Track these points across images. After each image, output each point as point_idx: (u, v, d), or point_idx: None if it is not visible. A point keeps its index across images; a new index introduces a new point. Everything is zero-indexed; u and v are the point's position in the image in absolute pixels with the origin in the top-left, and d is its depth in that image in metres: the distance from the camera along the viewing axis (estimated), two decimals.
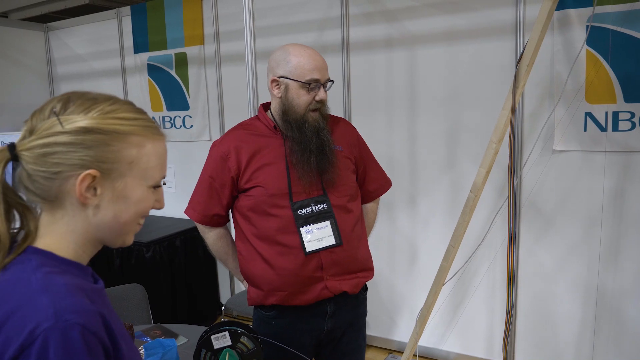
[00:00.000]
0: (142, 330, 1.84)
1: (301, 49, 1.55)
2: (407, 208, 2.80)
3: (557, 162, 2.37)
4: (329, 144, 1.55)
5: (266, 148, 1.57)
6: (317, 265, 1.54)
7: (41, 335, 0.63)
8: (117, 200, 0.76)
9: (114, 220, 0.77)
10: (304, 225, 1.51)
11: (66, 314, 0.65)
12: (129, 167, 0.75)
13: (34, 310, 0.65)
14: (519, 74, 1.66)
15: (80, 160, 0.72)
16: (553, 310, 2.47)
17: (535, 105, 2.39)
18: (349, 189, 1.61)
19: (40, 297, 0.66)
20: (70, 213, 0.75)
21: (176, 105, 3.45)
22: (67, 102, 0.74)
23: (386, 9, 2.67)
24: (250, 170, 1.55)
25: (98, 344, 0.66)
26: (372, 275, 1.70)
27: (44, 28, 3.94)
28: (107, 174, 0.74)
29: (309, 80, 1.52)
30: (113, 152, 0.74)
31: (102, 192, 0.74)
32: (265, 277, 1.56)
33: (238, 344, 1.37)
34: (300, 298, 1.55)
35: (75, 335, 0.64)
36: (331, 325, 1.62)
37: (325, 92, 1.56)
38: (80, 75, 3.88)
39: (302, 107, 1.53)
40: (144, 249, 2.98)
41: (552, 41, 2.29)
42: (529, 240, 2.49)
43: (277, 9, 2.95)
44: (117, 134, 0.74)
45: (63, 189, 0.73)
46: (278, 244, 1.53)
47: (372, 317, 3.03)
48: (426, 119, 2.67)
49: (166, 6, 3.32)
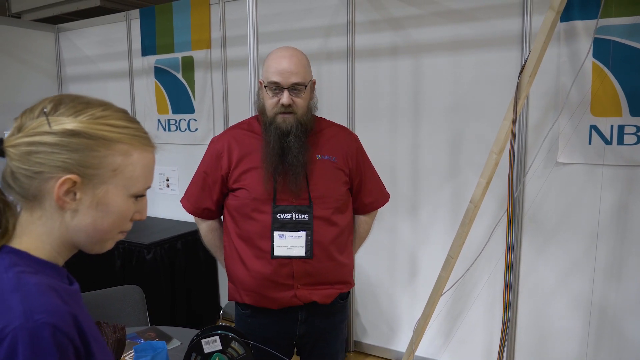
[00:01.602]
0: (137, 332, 1.84)
1: (278, 51, 1.56)
2: (408, 217, 2.78)
3: (561, 174, 2.35)
4: (295, 149, 1.52)
5: (257, 151, 1.57)
6: (289, 274, 1.55)
7: (10, 334, 0.62)
8: (97, 207, 0.75)
9: (92, 226, 0.76)
10: (278, 230, 1.53)
11: (36, 314, 0.64)
12: (112, 175, 0.75)
13: (4, 309, 0.65)
14: (521, 84, 1.65)
15: (62, 163, 0.71)
16: (553, 325, 2.44)
17: (540, 116, 2.37)
18: (335, 201, 1.60)
19: (10, 296, 0.66)
20: (48, 214, 0.74)
21: (182, 108, 3.47)
22: (58, 104, 0.74)
23: (392, 16, 2.67)
24: (238, 171, 1.57)
25: (69, 344, 0.66)
26: (348, 287, 1.70)
27: (54, 29, 3.99)
28: (89, 179, 0.73)
29: (269, 83, 1.52)
30: (97, 158, 0.73)
31: (81, 197, 0.74)
32: (240, 276, 1.60)
33: (228, 348, 1.37)
34: (270, 301, 1.58)
35: (45, 335, 0.63)
36: (304, 331, 1.63)
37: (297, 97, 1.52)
38: (88, 76, 3.92)
39: (269, 109, 1.54)
40: (144, 251, 2.98)
41: (558, 52, 2.28)
42: (530, 253, 2.46)
43: (283, 15, 2.97)
44: (104, 140, 0.74)
45: (43, 190, 0.73)
46: (255, 247, 1.56)
47: (371, 326, 3.02)
48: (430, 128, 2.66)
49: (174, 10, 3.35)
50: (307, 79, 1.54)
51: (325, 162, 1.60)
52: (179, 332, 1.86)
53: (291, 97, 1.51)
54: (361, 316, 3.04)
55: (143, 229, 3.46)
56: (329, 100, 2.89)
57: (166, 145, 3.60)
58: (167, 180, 3.65)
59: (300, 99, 1.53)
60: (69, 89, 4.01)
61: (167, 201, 3.66)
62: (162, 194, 3.69)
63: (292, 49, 1.58)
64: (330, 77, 2.88)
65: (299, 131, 1.53)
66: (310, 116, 1.60)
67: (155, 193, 3.73)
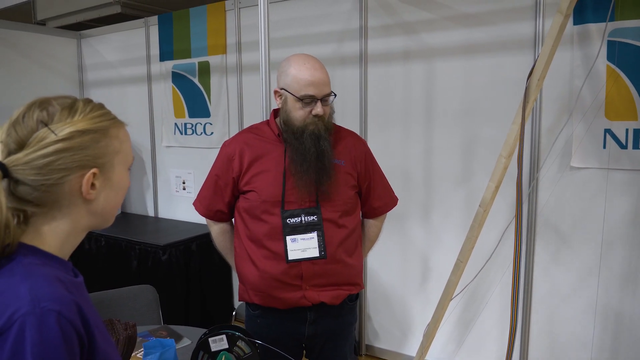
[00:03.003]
0: (149, 331, 1.88)
1: (302, 61, 1.56)
2: (420, 221, 2.78)
3: (575, 179, 2.32)
4: (328, 154, 1.55)
5: (268, 155, 1.60)
6: (297, 275, 1.57)
7: (18, 320, 0.67)
8: (111, 188, 0.83)
9: (109, 205, 0.84)
10: (290, 234, 1.55)
11: (43, 302, 0.69)
12: (116, 157, 0.83)
13: (14, 297, 0.69)
14: (530, 88, 1.64)
15: (79, 162, 0.77)
16: (568, 332, 2.40)
17: (553, 120, 2.35)
18: (343, 204, 1.62)
19: (20, 285, 0.70)
20: (66, 211, 0.79)
21: (198, 112, 3.53)
22: (47, 111, 0.77)
23: (404, 21, 2.68)
24: (250, 174, 1.60)
25: (72, 330, 0.70)
26: (357, 289, 1.71)
27: (77, 36, 4.10)
28: (103, 167, 0.81)
29: (303, 96, 1.53)
30: (103, 148, 0.80)
31: (99, 184, 0.81)
32: (249, 277, 1.63)
33: (235, 347, 1.39)
34: (278, 302, 1.60)
35: (51, 321, 0.68)
36: (312, 332, 1.64)
37: (326, 106, 1.56)
38: (108, 81, 4.02)
39: (299, 120, 1.56)
40: (160, 252, 3.04)
41: (572, 56, 2.26)
42: (544, 259, 2.43)
43: (297, 20, 3.00)
44: (101, 130, 0.81)
45: (62, 192, 0.78)
46: (265, 248, 1.58)
47: (383, 330, 3.02)
48: (442, 132, 2.66)
49: (191, 16, 3.41)
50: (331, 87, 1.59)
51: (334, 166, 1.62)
52: (190, 331, 1.90)
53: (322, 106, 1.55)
54: (373, 320, 3.04)
55: (159, 231, 3.53)
56: (342, 104, 2.91)
57: (182, 148, 3.67)
58: (184, 183, 3.71)
59: (328, 107, 1.58)
60: (90, 94, 4.11)
61: (183, 203, 3.72)
62: (179, 197, 3.75)
63: (313, 58, 1.60)
64: (343, 82, 2.90)
65: (327, 135, 1.57)
66: (332, 120, 1.64)
67: (172, 195, 3.80)
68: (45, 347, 0.67)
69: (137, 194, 4.03)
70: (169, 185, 3.81)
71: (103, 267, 3.34)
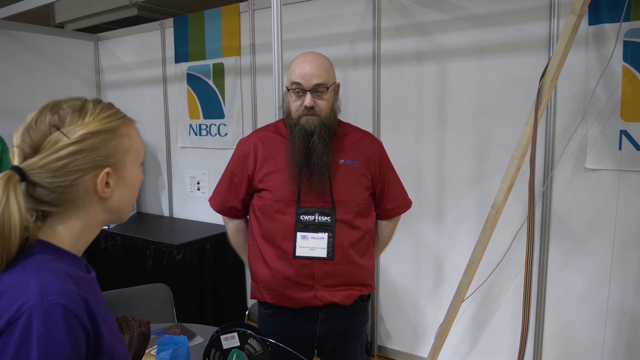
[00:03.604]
0: (163, 328, 1.91)
1: (301, 56, 1.60)
2: (433, 222, 2.78)
3: (590, 181, 2.30)
4: (319, 150, 1.55)
5: (282, 153, 1.61)
6: (309, 274, 1.58)
7: (26, 312, 0.69)
8: (125, 186, 0.87)
9: (122, 203, 0.87)
10: (301, 231, 1.56)
11: (49, 295, 0.71)
12: (127, 155, 0.86)
13: (23, 289, 0.72)
14: (542, 89, 1.63)
15: (93, 162, 0.80)
16: (582, 335, 2.38)
17: (568, 121, 2.33)
18: (356, 206, 1.62)
19: (30, 279, 0.73)
20: (82, 210, 0.83)
21: (212, 113, 3.57)
22: (58, 114, 0.80)
23: (417, 22, 2.68)
24: (263, 172, 1.62)
25: (78, 324, 0.73)
26: (369, 290, 1.71)
27: (94, 38, 4.17)
28: (115, 166, 0.84)
29: (291, 85, 1.56)
30: (114, 147, 0.83)
31: (113, 182, 0.84)
32: (261, 275, 1.64)
33: (246, 345, 1.41)
34: (290, 301, 1.61)
35: (56, 314, 0.70)
36: (323, 331, 1.65)
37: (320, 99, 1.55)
38: (125, 83, 4.08)
39: (294, 112, 1.58)
40: (174, 251, 3.08)
41: (587, 56, 2.24)
42: (558, 261, 2.41)
43: (311, 22, 3.02)
44: (112, 130, 0.83)
45: (77, 192, 0.81)
46: (278, 247, 1.60)
47: (395, 331, 3.01)
48: (455, 133, 2.65)
49: (206, 18, 3.45)
50: (328, 80, 1.57)
51: (347, 167, 1.63)
52: (203, 329, 1.92)
53: (314, 99, 1.55)
54: (385, 321, 3.04)
55: (174, 231, 3.57)
56: (355, 105, 2.92)
57: (197, 149, 3.71)
58: (198, 183, 3.75)
59: (323, 100, 1.56)
60: (107, 96, 4.18)
61: (198, 204, 3.76)
62: (193, 197, 3.79)
63: (314, 53, 1.62)
64: (356, 83, 2.91)
65: (323, 132, 1.56)
66: (334, 118, 1.63)
67: (187, 196, 3.84)
68: (50, 339, 0.69)
69: (153, 194, 4.09)
70: (183, 186, 3.85)
71: (119, 265, 3.39)
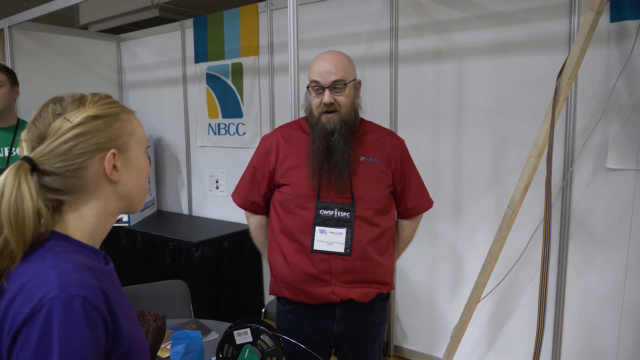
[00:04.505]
0: (179, 324, 1.94)
1: (321, 55, 1.62)
2: (451, 222, 2.76)
3: (611, 181, 2.25)
4: (340, 148, 1.56)
5: (303, 149, 1.63)
6: (327, 270, 1.58)
7: (47, 303, 0.72)
8: (133, 170, 0.89)
9: (133, 188, 0.89)
10: (320, 225, 1.56)
11: (69, 287, 0.74)
12: (131, 139, 0.88)
13: (43, 282, 0.74)
14: (560, 87, 1.61)
15: (97, 144, 0.83)
16: (602, 337, 2.33)
17: (588, 120, 2.29)
18: (376, 203, 1.62)
19: (49, 272, 0.75)
20: (94, 195, 0.85)
21: (231, 112, 3.60)
22: (59, 104, 0.84)
23: (435, 20, 2.66)
24: (284, 167, 1.63)
25: (97, 315, 0.75)
26: (388, 289, 1.71)
27: (116, 39, 4.25)
28: (121, 149, 0.86)
29: (310, 83, 1.58)
30: (117, 130, 0.86)
31: (120, 166, 0.86)
32: (280, 270, 1.65)
33: (259, 341, 1.43)
34: (308, 296, 1.61)
35: (76, 305, 0.73)
36: (341, 329, 1.64)
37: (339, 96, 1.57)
38: (146, 83, 4.15)
39: (314, 109, 1.59)
40: (193, 249, 3.12)
41: (608, 54, 2.19)
42: (577, 262, 2.37)
43: (328, 21, 3.03)
44: (113, 115, 0.86)
45: (87, 176, 0.83)
46: (297, 241, 1.61)
47: (412, 331, 3.00)
48: (473, 132, 2.63)
49: (225, 18, 3.49)
50: (347, 77, 1.58)
51: (368, 164, 1.63)
52: (219, 325, 1.95)
53: (333, 96, 1.56)
54: (402, 321, 3.03)
55: (193, 228, 3.62)
56: (372, 104, 2.92)
57: (216, 148, 3.76)
58: (217, 182, 3.80)
59: (342, 96, 1.57)
60: (129, 95, 4.26)
61: (216, 202, 3.80)
62: (212, 195, 3.84)
63: (333, 51, 1.64)
64: (373, 82, 2.90)
65: (344, 130, 1.57)
66: (355, 115, 1.64)
67: (205, 194, 3.89)
68: (70, 329, 0.71)
69: (172, 192, 4.15)
70: (202, 184, 3.90)
71: (139, 262, 3.46)
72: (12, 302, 0.74)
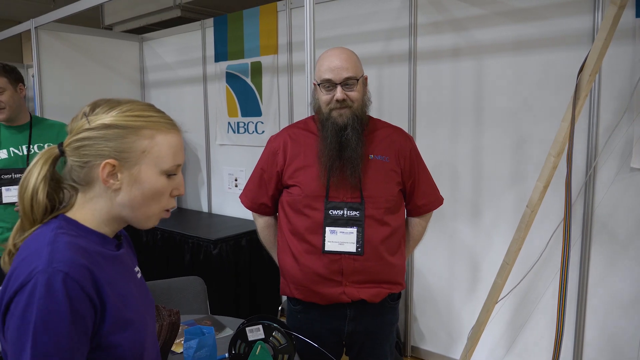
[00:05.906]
0: (195, 319, 1.96)
1: (329, 51, 1.60)
2: (470, 222, 2.72)
3: (636, 181, 2.19)
4: (353, 143, 1.54)
5: (311, 149, 1.62)
6: (337, 270, 1.57)
7: (35, 276, 0.79)
8: (134, 184, 0.90)
9: (132, 201, 0.91)
10: (330, 226, 1.55)
11: (55, 263, 0.80)
12: (142, 156, 0.90)
13: (37, 257, 0.81)
14: (581, 84, 1.57)
15: (102, 151, 0.88)
16: (625, 343, 2.27)
17: (612, 119, 2.23)
18: (386, 202, 1.61)
19: (44, 248, 0.82)
20: (98, 194, 0.91)
21: (250, 111, 3.63)
22: (95, 106, 0.91)
23: (454, 18, 2.63)
24: (292, 168, 1.63)
25: (80, 290, 0.80)
26: (399, 288, 1.69)
27: (139, 39, 4.32)
28: (125, 161, 0.89)
29: (322, 81, 1.56)
30: (128, 143, 0.88)
31: (121, 177, 0.90)
32: (290, 271, 1.65)
33: (271, 338, 1.43)
34: (318, 297, 1.60)
35: (57, 279, 0.79)
36: (352, 329, 1.63)
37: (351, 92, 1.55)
38: (167, 82, 4.21)
39: (324, 106, 1.58)
40: (211, 246, 3.15)
41: (634, 50, 2.13)
42: (600, 264, 2.31)
43: (347, 19, 3.02)
44: (131, 128, 0.89)
45: (92, 175, 0.90)
46: (306, 242, 1.60)
47: (430, 332, 2.97)
48: (493, 131, 2.58)
49: (245, 18, 3.51)
50: (358, 73, 1.57)
51: (377, 162, 1.62)
52: (234, 322, 1.96)
53: (344, 92, 1.55)
54: (419, 321, 3.00)
55: (211, 226, 3.66)
56: (390, 102, 2.90)
57: (235, 146, 3.79)
58: (236, 180, 3.83)
59: (354, 92, 1.56)
60: (151, 95, 4.33)
61: (235, 200, 3.82)
62: (231, 194, 3.87)
63: (340, 47, 1.63)
64: (391, 80, 2.88)
65: (356, 124, 1.56)
66: (365, 111, 1.63)
67: (224, 193, 3.92)
68: (50, 302, 0.77)
69: (192, 190, 4.20)
70: (222, 183, 3.94)
71: (158, 258, 3.51)
72: (12, 273, 0.82)
